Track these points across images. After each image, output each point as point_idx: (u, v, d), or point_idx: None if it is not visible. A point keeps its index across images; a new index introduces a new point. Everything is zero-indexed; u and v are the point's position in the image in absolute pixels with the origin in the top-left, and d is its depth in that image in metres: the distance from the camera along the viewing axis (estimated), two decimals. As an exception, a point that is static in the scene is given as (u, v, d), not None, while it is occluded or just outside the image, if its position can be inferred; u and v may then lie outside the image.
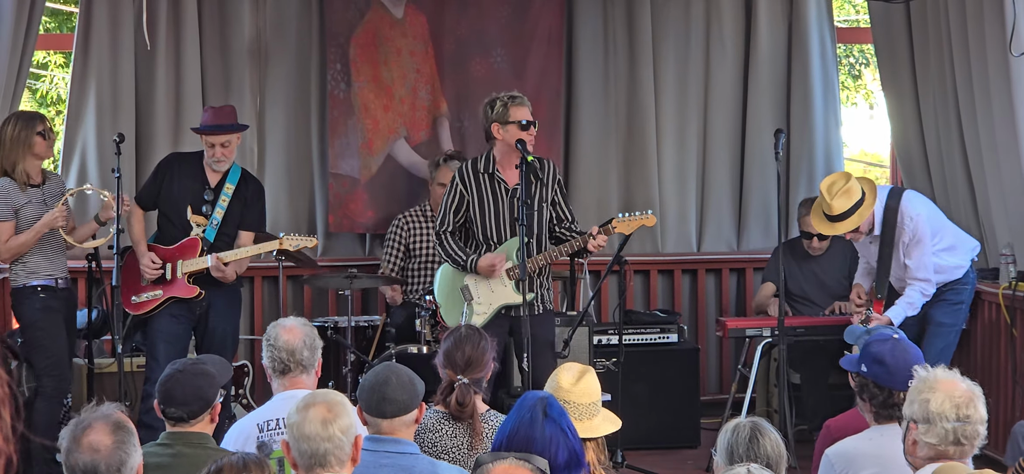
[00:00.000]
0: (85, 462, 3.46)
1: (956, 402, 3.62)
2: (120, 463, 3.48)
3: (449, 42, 8.64)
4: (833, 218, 6.76)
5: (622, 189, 8.92)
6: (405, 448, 4.11)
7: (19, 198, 6.78)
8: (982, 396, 3.69)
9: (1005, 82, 7.25)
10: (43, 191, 6.84)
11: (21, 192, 6.78)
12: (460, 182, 6.59)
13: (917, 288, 6.82)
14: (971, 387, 3.68)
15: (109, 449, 3.47)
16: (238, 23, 8.56)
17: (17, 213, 6.77)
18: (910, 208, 6.83)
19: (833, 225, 6.79)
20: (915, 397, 3.68)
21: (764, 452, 3.72)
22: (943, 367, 3.77)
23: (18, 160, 6.76)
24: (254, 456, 3.45)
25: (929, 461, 3.64)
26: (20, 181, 6.78)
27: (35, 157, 6.80)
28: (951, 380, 3.68)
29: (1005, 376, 7.33)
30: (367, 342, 7.93)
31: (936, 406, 3.62)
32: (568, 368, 4.19)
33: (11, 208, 6.76)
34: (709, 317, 8.94)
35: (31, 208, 6.77)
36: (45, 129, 6.82)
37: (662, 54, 8.88)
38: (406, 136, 8.62)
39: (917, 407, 3.66)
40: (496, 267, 6.48)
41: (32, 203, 6.78)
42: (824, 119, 8.97)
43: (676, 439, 7.74)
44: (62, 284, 6.87)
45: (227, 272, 6.92)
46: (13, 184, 6.78)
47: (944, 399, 3.62)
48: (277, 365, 4.72)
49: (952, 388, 3.65)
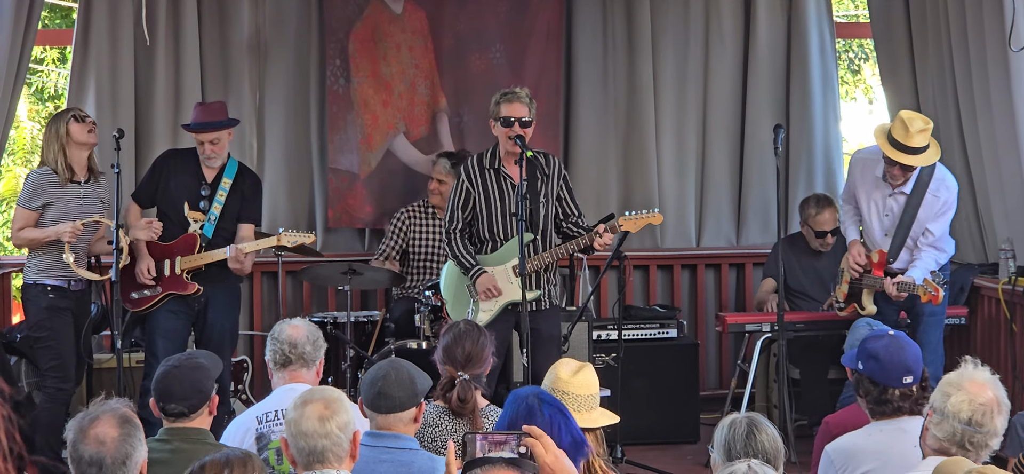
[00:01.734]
0: (91, 454, 3.48)
1: (974, 406, 3.59)
2: (125, 456, 3.49)
3: (448, 37, 8.64)
4: (911, 149, 6.55)
5: (621, 185, 8.92)
6: (405, 444, 4.12)
7: (53, 192, 6.71)
8: (1007, 410, 3.64)
9: (1004, 77, 7.25)
10: (83, 192, 6.79)
11: (59, 187, 6.73)
12: (466, 178, 6.58)
13: (933, 255, 6.71)
14: (999, 397, 3.63)
15: (115, 441, 3.48)
16: (237, 18, 8.56)
17: (46, 207, 6.72)
18: (948, 177, 6.78)
19: (907, 157, 6.55)
20: (944, 386, 3.67)
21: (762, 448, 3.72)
22: (989, 370, 3.72)
23: (57, 154, 6.73)
24: (238, 453, 3.44)
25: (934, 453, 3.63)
26: (61, 176, 6.74)
27: (77, 146, 6.74)
28: (982, 384, 3.64)
29: (1005, 371, 7.33)
30: (366, 338, 7.93)
31: (954, 403, 3.60)
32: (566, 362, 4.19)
33: (39, 198, 6.72)
34: (708, 312, 8.94)
35: (62, 206, 6.70)
36: (79, 114, 6.80)
37: (661, 49, 8.88)
38: (405, 131, 8.62)
39: (939, 397, 3.66)
40: (491, 292, 6.48)
41: (63, 200, 6.72)
42: (823, 114, 8.97)
43: (675, 434, 7.73)
44: (75, 287, 6.83)
45: (245, 264, 6.93)
46: (52, 177, 6.74)
47: (964, 399, 3.60)
48: (278, 357, 4.74)
49: (978, 392, 3.62)
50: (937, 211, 6.73)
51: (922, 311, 6.83)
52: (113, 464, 3.47)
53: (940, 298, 6.50)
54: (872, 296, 6.92)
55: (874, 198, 6.88)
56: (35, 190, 6.73)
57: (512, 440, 2.95)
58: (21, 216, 6.76)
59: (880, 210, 6.87)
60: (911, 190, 6.73)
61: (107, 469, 3.47)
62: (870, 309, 6.92)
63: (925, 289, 6.52)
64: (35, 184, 6.75)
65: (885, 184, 6.78)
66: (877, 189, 6.85)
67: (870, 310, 6.92)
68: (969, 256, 7.85)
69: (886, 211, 6.84)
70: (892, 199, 6.80)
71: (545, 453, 2.93)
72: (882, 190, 6.82)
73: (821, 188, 8.67)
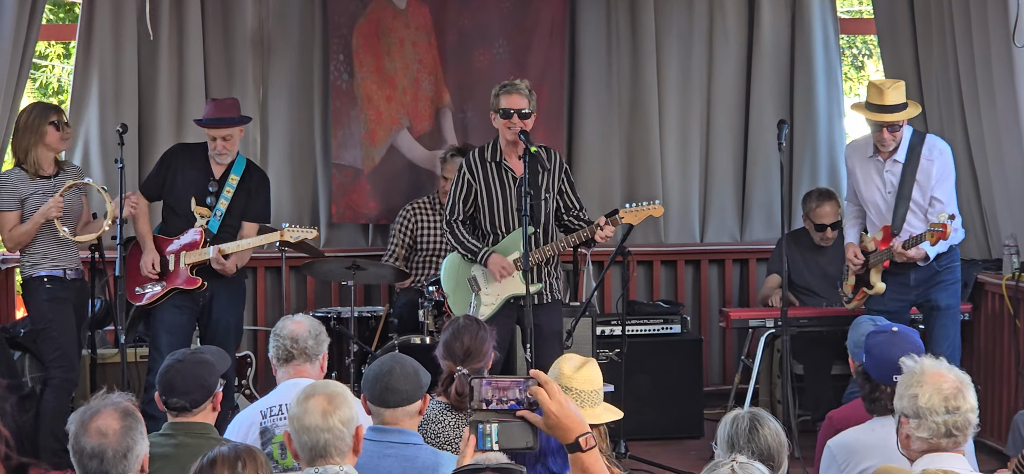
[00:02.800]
0: (92, 446, 3.48)
1: (945, 395, 3.58)
2: (127, 449, 3.50)
3: (452, 33, 8.64)
4: (888, 108, 6.62)
5: (625, 180, 8.92)
6: (408, 438, 4.12)
7: (26, 188, 6.77)
8: (970, 384, 3.64)
9: (1008, 73, 7.24)
10: (53, 183, 6.83)
11: (30, 182, 6.78)
12: (467, 171, 6.58)
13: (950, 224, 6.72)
14: (959, 377, 3.63)
15: (117, 434, 3.49)
16: (241, 13, 8.56)
17: (24, 203, 6.77)
18: (939, 141, 6.83)
19: (886, 115, 6.62)
20: (904, 392, 3.63)
21: (764, 443, 3.72)
22: (930, 358, 3.70)
23: (30, 147, 6.76)
24: (246, 447, 3.45)
25: (922, 454, 3.63)
26: (30, 170, 6.78)
27: (46, 147, 6.78)
28: (938, 372, 3.62)
29: (1008, 367, 7.33)
30: (370, 333, 7.94)
31: (925, 401, 3.58)
32: (570, 357, 4.19)
33: (17, 198, 6.76)
34: (712, 308, 8.94)
35: (37, 199, 6.76)
36: (59, 121, 6.80)
37: (665, 45, 8.88)
38: (409, 127, 8.63)
39: (907, 402, 3.62)
40: (506, 269, 6.47)
41: (38, 194, 6.77)
42: (827, 110, 8.97)
43: (679, 430, 7.74)
44: (71, 275, 6.85)
45: (227, 265, 6.92)
46: (22, 173, 6.78)
47: (932, 393, 3.58)
48: (281, 353, 4.76)
49: (940, 380, 3.60)
50: (937, 175, 6.74)
51: (936, 306, 6.82)
52: (115, 456, 3.48)
53: (949, 230, 6.44)
54: (880, 273, 6.89)
55: (871, 176, 6.90)
56: (8, 190, 6.76)
57: (518, 385, 2.93)
58: (7, 219, 6.78)
59: (880, 187, 6.88)
60: (905, 159, 6.74)
61: (108, 461, 3.48)
62: (879, 287, 6.88)
63: (932, 231, 6.49)
64: (4, 186, 6.78)
65: (878, 159, 6.81)
66: (872, 165, 6.89)
67: (879, 289, 6.87)
68: (973, 252, 7.84)
69: (886, 187, 6.85)
70: (888, 172, 6.81)
71: (550, 400, 2.91)
72: (876, 165, 6.85)
73: (825, 184, 8.67)
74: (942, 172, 6.75)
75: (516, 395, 2.91)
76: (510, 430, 2.91)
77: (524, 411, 2.90)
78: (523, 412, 2.90)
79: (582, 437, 2.96)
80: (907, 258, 6.65)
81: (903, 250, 6.62)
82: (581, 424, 2.96)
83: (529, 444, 2.93)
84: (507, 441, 2.92)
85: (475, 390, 2.91)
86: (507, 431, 2.91)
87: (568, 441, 2.94)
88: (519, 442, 2.93)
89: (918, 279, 6.83)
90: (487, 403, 2.89)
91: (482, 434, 2.90)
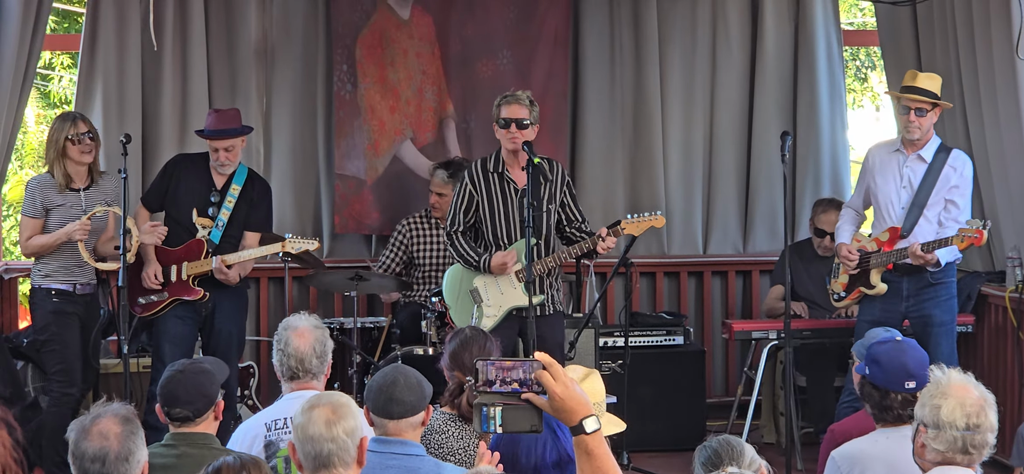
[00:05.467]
0: (94, 450, 3.49)
1: (967, 410, 3.59)
2: (128, 453, 3.51)
3: (455, 43, 8.64)
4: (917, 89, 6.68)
5: (628, 191, 8.91)
6: (411, 450, 4.11)
7: (53, 198, 6.75)
8: (994, 404, 3.64)
9: (1012, 84, 7.24)
10: (84, 196, 6.80)
11: (58, 193, 6.76)
12: (469, 182, 6.59)
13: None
14: (984, 395, 3.64)
15: (118, 437, 3.50)
16: (244, 24, 8.56)
17: (49, 212, 6.75)
18: (964, 155, 6.87)
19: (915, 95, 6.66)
20: (927, 401, 3.65)
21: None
22: (959, 371, 3.72)
23: (54, 161, 6.77)
24: (251, 457, 3.45)
25: (936, 465, 3.63)
26: (59, 183, 6.77)
27: (71, 161, 6.77)
28: (964, 386, 3.64)
29: (1011, 379, 7.32)
30: (373, 343, 7.93)
31: (946, 413, 3.59)
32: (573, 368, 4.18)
33: (41, 205, 6.75)
34: (715, 319, 8.93)
35: (64, 212, 6.74)
36: (77, 135, 6.77)
37: (668, 56, 8.88)
38: (412, 137, 8.62)
39: (928, 411, 3.63)
40: (508, 264, 6.47)
41: (66, 206, 6.75)
42: (830, 122, 8.96)
43: (682, 441, 7.71)
44: (81, 290, 6.84)
45: (230, 274, 6.91)
46: (51, 182, 6.77)
47: (955, 406, 3.59)
48: (285, 371, 4.74)
49: (964, 395, 3.61)
50: (956, 185, 6.74)
51: (931, 321, 6.79)
52: (116, 460, 3.48)
53: (984, 237, 6.46)
54: (880, 274, 6.87)
55: (891, 169, 6.88)
56: (34, 196, 6.77)
57: (522, 366, 2.92)
58: (28, 225, 6.80)
59: (898, 182, 6.85)
60: (931, 159, 6.74)
61: (110, 464, 3.48)
62: (880, 287, 6.86)
63: (961, 236, 6.48)
64: (33, 191, 6.79)
65: (902, 153, 6.80)
66: (894, 159, 6.87)
67: (880, 289, 6.85)
68: (976, 264, 7.84)
69: (904, 182, 6.83)
70: (909, 168, 6.80)
71: (554, 382, 2.90)
72: (899, 159, 6.84)
73: (828, 195, 8.66)
74: (962, 181, 6.76)
75: (520, 376, 2.90)
76: (515, 413, 2.89)
77: (529, 393, 2.88)
78: (528, 394, 2.88)
79: (586, 419, 2.96)
80: (924, 261, 6.62)
81: (922, 253, 6.59)
82: (586, 407, 2.95)
83: (534, 427, 2.92)
84: (512, 424, 2.90)
85: (480, 371, 2.89)
86: (512, 414, 2.89)
87: (572, 423, 2.93)
88: (524, 425, 2.91)
89: (911, 290, 6.81)
90: (491, 384, 2.88)
91: (486, 417, 2.89)
